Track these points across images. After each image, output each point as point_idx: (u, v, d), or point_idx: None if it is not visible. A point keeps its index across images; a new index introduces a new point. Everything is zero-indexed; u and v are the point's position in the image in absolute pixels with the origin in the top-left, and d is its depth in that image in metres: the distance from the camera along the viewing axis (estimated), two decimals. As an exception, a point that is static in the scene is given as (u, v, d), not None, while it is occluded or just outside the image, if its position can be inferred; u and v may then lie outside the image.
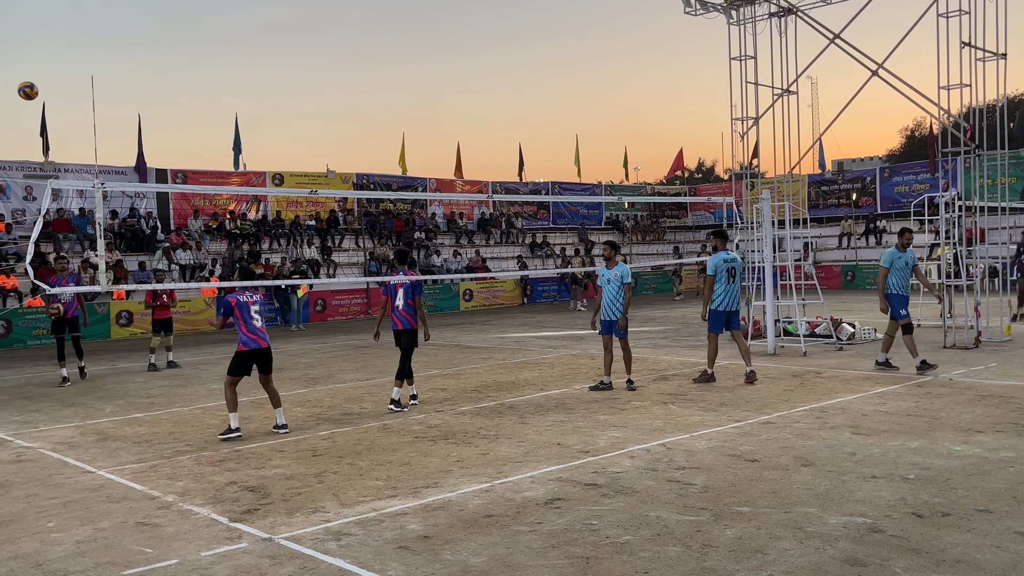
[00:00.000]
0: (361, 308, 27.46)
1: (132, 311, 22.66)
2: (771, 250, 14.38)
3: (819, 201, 38.27)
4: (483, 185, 36.35)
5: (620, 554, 5.13)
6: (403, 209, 33.53)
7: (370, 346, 18.24)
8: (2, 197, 25.36)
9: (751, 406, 9.66)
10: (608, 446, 7.95)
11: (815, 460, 7.15)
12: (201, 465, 7.83)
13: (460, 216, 34.90)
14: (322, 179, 31.66)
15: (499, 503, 6.25)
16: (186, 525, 6.03)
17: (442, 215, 34.81)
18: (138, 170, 27.69)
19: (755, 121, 17.53)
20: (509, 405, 10.37)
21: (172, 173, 28.53)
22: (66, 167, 26.32)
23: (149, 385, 13.40)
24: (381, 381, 12.85)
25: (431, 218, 34.20)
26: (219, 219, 28.54)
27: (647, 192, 44.66)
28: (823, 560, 4.90)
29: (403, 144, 34.82)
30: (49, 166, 26.04)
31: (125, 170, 27.58)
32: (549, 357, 15.13)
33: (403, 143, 34.75)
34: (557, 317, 24.80)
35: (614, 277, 11.18)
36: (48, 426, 10.14)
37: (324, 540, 5.57)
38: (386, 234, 31.48)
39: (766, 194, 14.66)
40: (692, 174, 73.53)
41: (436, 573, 4.94)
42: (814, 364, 12.88)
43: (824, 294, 16.32)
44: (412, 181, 34.30)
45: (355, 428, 9.31)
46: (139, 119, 32.27)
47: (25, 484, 7.39)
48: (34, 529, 6.08)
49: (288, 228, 29.60)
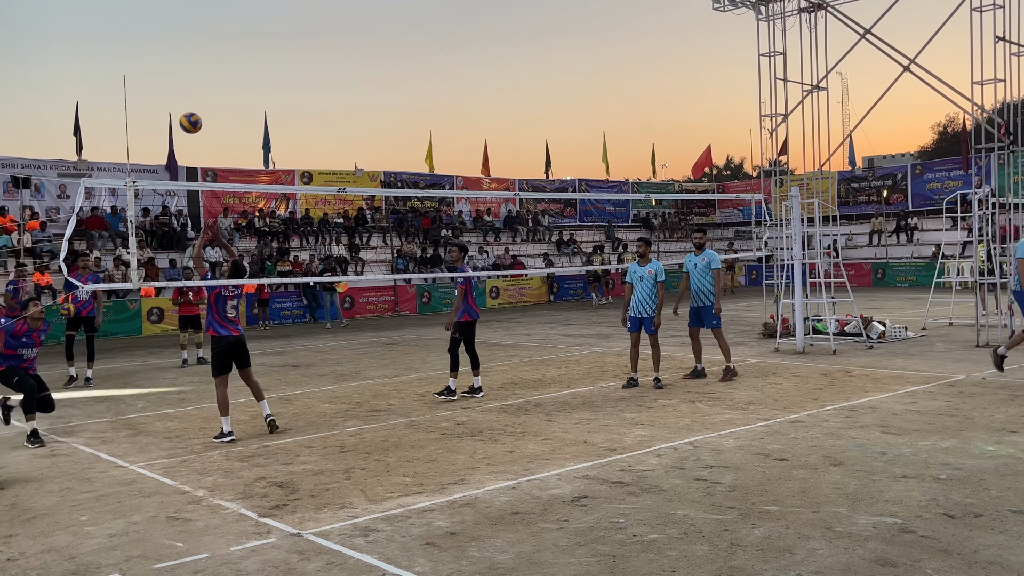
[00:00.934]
0: (389, 305, 27.59)
1: (163, 308, 22.94)
2: (800, 248, 14.25)
3: (849, 198, 37.87)
4: (510, 183, 36.36)
5: (647, 553, 5.12)
6: (430, 207, 33.63)
7: (398, 343, 18.33)
8: (37, 195, 25.76)
9: (779, 405, 9.59)
10: (635, 444, 7.93)
11: (844, 459, 7.09)
12: (230, 460, 7.91)
13: (487, 213, 34.94)
14: (350, 177, 31.84)
15: (526, 500, 6.26)
16: (216, 520, 6.09)
17: (469, 213, 34.87)
18: (169, 168, 28.02)
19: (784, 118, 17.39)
20: (535, 403, 10.37)
21: (202, 171, 28.83)
22: (99, 166, 26.68)
23: (179, 381, 13.55)
24: (408, 378, 12.90)
25: (458, 216, 34.27)
26: (248, 217, 28.80)
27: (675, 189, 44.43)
28: (852, 560, 4.86)
29: (430, 142, 34.86)
30: (82, 165, 26.41)
31: (156, 169, 27.91)
32: (575, 355, 15.12)
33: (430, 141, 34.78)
34: (584, 314, 24.76)
35: (648, 275, 11.18)
36: (81, 421, 10.30)
37: (352, 536, 5.60)
38: (413, 232, 31.60)
39: (795, 191, 14.54)
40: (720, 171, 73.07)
41: (463, 570, 4.95)
42: (843, 363, 12.76)
43: (854, 292, 16.16)
44: (439, 179, 34.39)
45: (382, 424, 9.36)
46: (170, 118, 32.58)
47: (59, 478, 7.51)
48: (67, 522, 6.18)
49: (316, 226, 29.81)
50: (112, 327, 22.07)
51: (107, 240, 25.20)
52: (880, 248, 34.57)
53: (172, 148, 28.26)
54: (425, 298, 28.26)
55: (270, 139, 31.04)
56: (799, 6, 17.24)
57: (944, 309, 18.38)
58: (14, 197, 24.58)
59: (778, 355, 13.87)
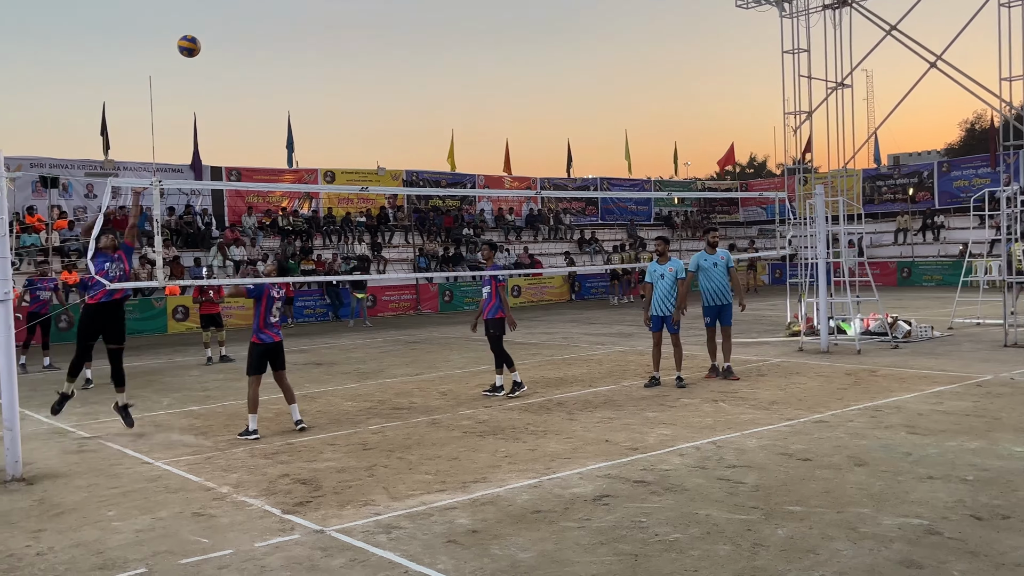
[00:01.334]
0: (411, 304, 27.68)
1: (188, 306, 23.15)
2: (824, 246, 14.14)
3: (874, 196, 37.52)
4: (531, 181, 36.34)
5: (669, 552, 5.10)
6: (452, 206, 33.70)
7: (420, 342, 18.39)
8: (65, 195, 26.08)
9: (803, 405, 9.53)
10: (657, 443, 7.90)
11: (869, 460, 7.03)
12: (255, 457, 7.97)
13: (509, 212, 34.96)
14: (372, 176, 31.97)
15: (547, 499, 6.26)
16: (240, 516, 6.15)
17: (490, 211, 34.91)
18: (194, 168, 28.26)
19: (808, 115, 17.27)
20: (557, 401, 10.37)
21: (227, 171, 29.06)
22: (125, 165, 26.96)
23: (204, 378, 13.67)
24: (430, 376, 12.94)
25: (479, 214, 34.31)
26: (272, 216, 29.00)
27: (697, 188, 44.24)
28: (877, 562, 4.82)
29: (452, 141, 35.06)
30: (109, 164, 26.70)
31: (181, 168, 28.16)
32: (597, 353, 15.09)
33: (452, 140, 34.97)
34: (605, 313, 24.71)
35: (668, 272, 11.15)
36: (108, 418, 10.41)
37: (374, 533, 5.63)
38: (435, 230, 31.68)
39: (819, 189, 14.43)
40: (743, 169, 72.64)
41: (485, 567, 4.97)
42: (868, 362, 12.65)
43: (879, 291, 16.01)
44: (461, 178, 34.45)
45: (404, 423, 9.40)
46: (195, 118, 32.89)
47: (87, 474, 7.60)
48: (95, 518, 6.26)
49: (339, 225, 29.96)
50: (138, 325, 22.30)
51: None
52: (906, 247, 34.23)
53: (197, 148, 28.51)
54: (447, 297, 28.32)
55: (294, 139, 31.23)
56: (823, 2, 17.11)
57: (971, 308, 18.16)
58: (43, 196, 24.90)
59: (802, 354, 13.78)
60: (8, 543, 5.75)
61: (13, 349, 7.55)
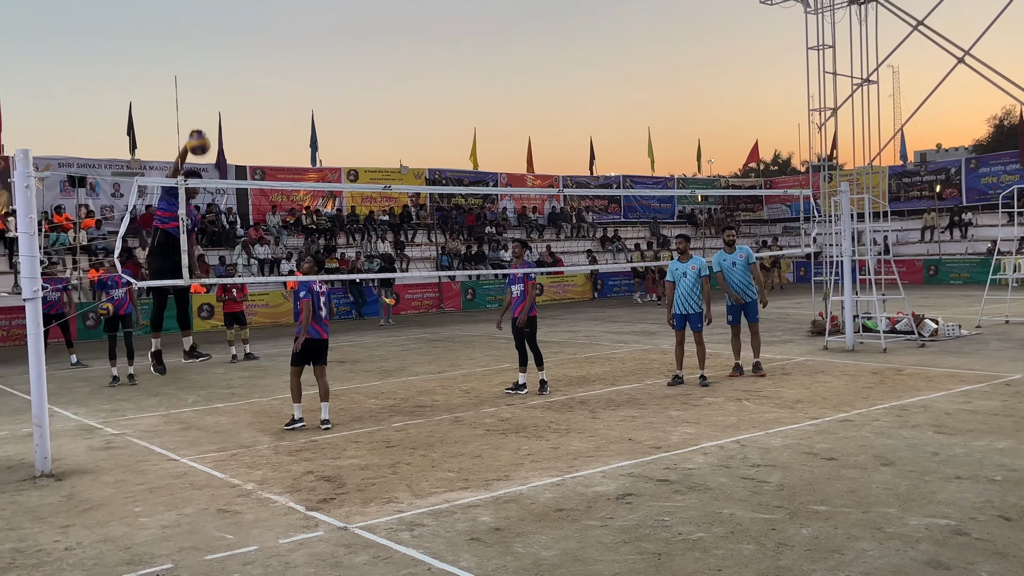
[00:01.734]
0: (433, 302, 27.75)
1: (213, 304, 23.33)
2: (850, 244, 14.02)
3: (900, 193, 37.15)
4: (554, 179, 36.32)
5: (693, 551, 5.08)
6: (474, 204, 33.74)
7: (442, 340, 18.43)
8: (92, 194, 26.39)
9: (828, 403, 9.45)
10: (680, 442, 7.88)
11: (895, 459, 6.96)
12: (279, 454, 8.03)
13: (532, 211, 34.94)
14: (395, 175, 32.07)
15: (570, 497, 6.26)
16: (265, 513, 6.19)
17: (513, 210, 34.91)
18: (218, 167, 28.48)
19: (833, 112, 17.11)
20: (580, 400, 10.36)
21: (251, 170, 29.26)
22: (151, 164, 27.23)
23: (229, 376, 13.79)
24: (453, 374, 12.97)
25: (502, 213, 34.32)
26: (296, 215, 29.17)
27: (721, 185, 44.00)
28: (904, 562, 4.78)
29: (474, 139, 34.93)
30: (135, 164, 26.98)
31: (206, 167, 28.38)
32: (620, 352, 15.06)
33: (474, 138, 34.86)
34: (628, 312, 24.64)
35: (691, 270, 11.10)
36: (135, 415, 10.53)
37: (398, 530, 5.66)
38: (457, 229, 31.74)
39: (845, 186, 14.30)
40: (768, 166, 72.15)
41: (507, 565, 4.97)
42: (895, 361, 12.53)
43: (905, 289, 15.85)
44: (483, 176, 34.47)
45: (427, 420, 9.43)
46: (219, 117, 33.20)
47: (114, 470, 7.69)
48: (122, 513, 6.33)
49: (363, 223, 30.09)
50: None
51: (159, 238, 25.68)
52: (932, 244, 33.86)
53: (222, 147, 28.73)
54: (469, 295, 28.36)
55: (317, 137, 31.40)
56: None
57: (1000, 307, 17.93)
58: (70, 196, 25.20)
59: (827, 353, 13.67)
60: (37, 538, 5.83)
61: (42, 346, 7.65)
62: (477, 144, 34.81)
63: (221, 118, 29.34)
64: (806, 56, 17.18)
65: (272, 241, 27.32)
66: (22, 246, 7.65)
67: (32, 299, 7.58)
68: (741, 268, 11.67)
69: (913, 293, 22.08)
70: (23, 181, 7.44)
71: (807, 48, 17.21)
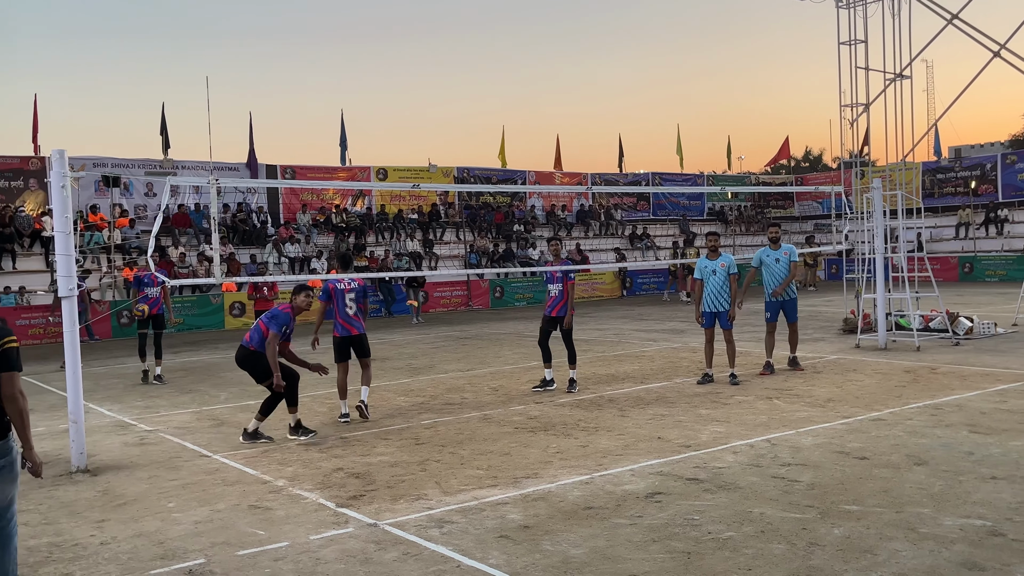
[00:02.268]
0: (462, 300, 27.81)
1: (244, 302, 23.57)
2: (882, 241, 13.86)
3: (934, 190, 36.62)
4: (582, 177, 36.24)
5: (722, 550, 5.05)
6: (503, 202, 33.76)
7: (471, 337, 18.47)
8: (126, 194, 26.76)
9: (860, 402, 9.35)
10: (710, 441, 7.83)
11: (929, 459, 6.87)
12: (309, 451, 8.09)
13: (560, 208, 34.89)
14: (424, 173, 32.18)
15: (599, 495, 6.25)
16: (296, 509, 6.25)
17: (541, 207, 34.88)
18: (249, 166, 28.75)
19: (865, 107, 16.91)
20: (608, 398, 10.33)
21: (282, 169, 29.49)
22: (184, 164, 27.55)
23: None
24: (482, 372, 12.99)
25: (530, 210, 34.31)
26: (326, 213, 29.37)
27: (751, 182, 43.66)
28: (938, 563, 4.72)
29: (503, 137, 35.02)
30: (168, 163, 27.30)
31: (237, 166, 28.66)
32: (649, 350, 15.00)
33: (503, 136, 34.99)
34: (657, 309, 24.53)
35: (720, 268, 11.04)
36: (168, 411, 10.67)
37: (427, 527, 5.68)
38: (486, 227, 31.77)
39: (877, 183, 14.12)
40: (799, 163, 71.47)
41: (536, 563, 4.97)
42: (928, 359, 12.36)
43: (939, 287, 15.64)
44: (512, 174, 34.48)
45: (456, 418, 9.45)
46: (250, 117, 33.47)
47: (148, 466, 7.80)
48: (156, 509, 6.42)
49: (392, 221, 30.22)
50: (196, 321, 22.78)
51: (191, 236, 26.01)
52: (967, 241, 33.34)
53: (252, 146, 29.00)
54: (498, 293, 28.39)
55: (347, 136, 31.58)
56: (881, -8, 16.71)
57: (1036, 304, 17.61)
58: (105, 195, 25.57)
59: (859, 351, 13.52)
60: (73, 532, 5.92)
61: (78, 344, 7.77)
62: (505, 142, 34.89)
63: (252, 118, 29.61)
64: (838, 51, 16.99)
65: (302, 240, 27.53)
66: (58, 245, 7.78)
67: (68, 297, 7.70)
68: (784, 265, 11.70)
69: (947, 291, 21.77)
70: (59, 181, 7.56)
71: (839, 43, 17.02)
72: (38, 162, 25.46)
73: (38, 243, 23.62)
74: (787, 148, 41.63)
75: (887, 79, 16.69)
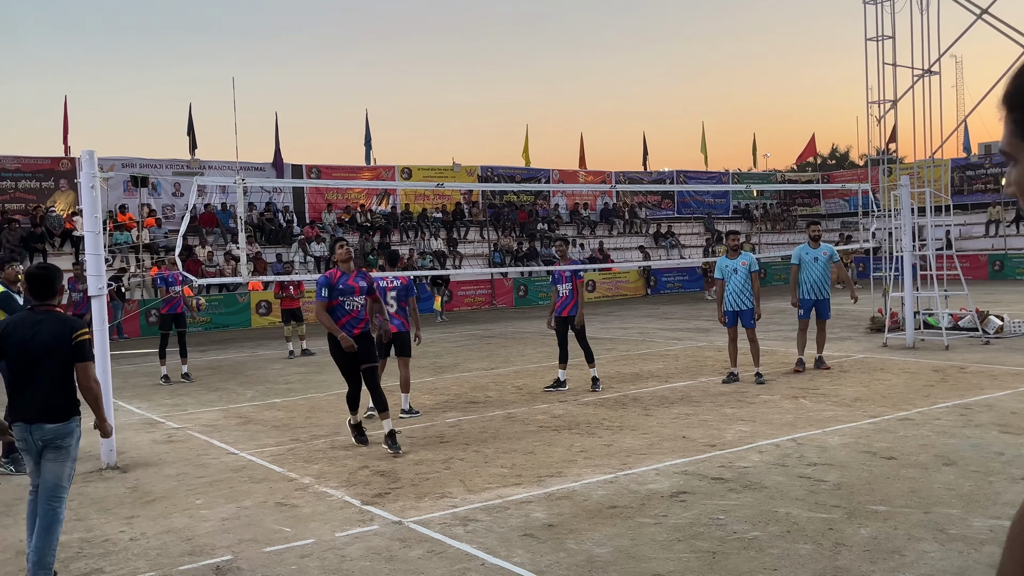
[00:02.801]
0: (486, 299, 27.84)
1: (270, 301, 23.74)
2: (910, 239, 13.71)
3: (964, 187, 36.17)
4: (606, 175, 36.15)
5: (748, 550, 5.03)
6: (526, 201, 33.75)
7: (495, 336, 18.49)
8: (154, 193, 27.04)
9: (888, 402, 9.26)
10: (735, 440, 7.79)
11: (958, 459, 6.80)
12: (335, 449, 8.14)
13: (584, 207, 34.83)
14: (448, 172, 32.24)
15: (623, 494, 6.24)
16: (321, 506, 6.29)
17: (565, 206, 34.84)
18: (275, 166, 28.96)
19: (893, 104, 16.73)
20: (633, 396, 10.31)
21: (307, 168, 29.67)
22: (210, 164, 27.79)
23: (287, 372, 14.02)
24: (506, 371, 13.01)
25: (554, 209, 34.28)
26: (351, 212, 29.52)
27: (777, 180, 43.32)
28: (967, 565, 4.67)
29: (526, 136, 34.90)
30: (195, 164, 27.56)
31: (263, 166, 28.87)
32: (674, 349, 14.94)
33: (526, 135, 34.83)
34: (682, 308, 24.42)
35: (741, 266, 10.97)
36: (196, 409, 10.78)
37: (451, 525, 5.70)
38: (510, 226, 31.78)
39: (905, 180, 13.97)
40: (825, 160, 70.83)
41: (560, 562, 4.98)
42: (957, 358, 12.22)
43: (968, 285, 15.44)
44: (535, 173, 34.45)
45: (480, 416, 9.47)
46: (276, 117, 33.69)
47: (176, 463, 7.89)
48: (184, 505, 6.49)
49: (416, 220, 30.32)
50: (223, 319, 22.99)
51: (218, 236, 26.24)
52: (998, 239, 32.89)
53: (278, 146, 29.20)
54: (521, 292, 28.40)
55: (371, 136, 31.71)
56: (910, -13, 16.52)
57: (1069, 303, 17.36)
58: (133, 195, 25.86)
59: (886, 350, 13.39)
60: (104, 528, 6.01)
61: (107, 342, 7.87)
62: (529, 141, 34.81)
63: (278, 118, 29.81)
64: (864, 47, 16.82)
65: (328, 239, 27.69)
66: (88, 244, 7.89)
67: (98, 295, 7.80)
68: (823, 265, 11.67)
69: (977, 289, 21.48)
70: (88, 181, 7.67)
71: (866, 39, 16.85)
72: (68, 163, 25.79)
73: (68, 243, 23.94)
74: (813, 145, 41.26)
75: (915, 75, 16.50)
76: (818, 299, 11.71)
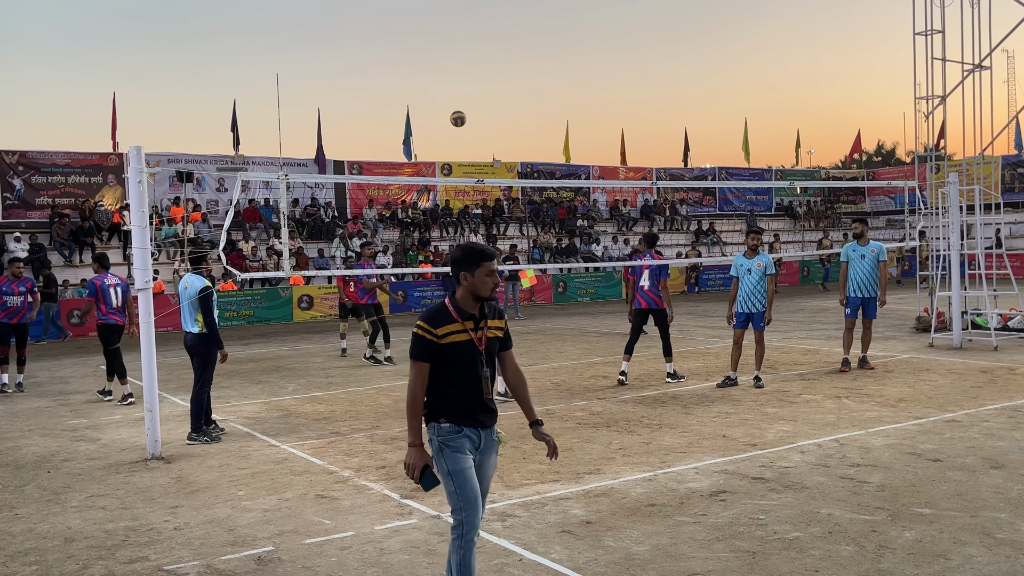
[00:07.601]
0: (524, 295, 27.82)
1: (312, 295, 24.00)
2: (958, 237, 13.43)
3: (1015, 184, 35.35)
4: (647, 172, 35.93)
5: (788, 551, 4.98)
6: (566, 197, 33.69)
7: (534, 332, 18.49)
8: (198, 189, 27.46)
9: (933, 403, 9.09)
10: (777, 440, 7.71)
11: (1006, 462, 6.65)
12: (375, 443, 8.21)
13: (623, 204, 34.67)
14: (488, 168, 32.28)
15: (662, 493, 6.21)
16: (361, 499, 6.35)
17: (605, 202, 34.71)
18: (318, 162, 29.25)
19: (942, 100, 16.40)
20: (672, 394, 10.24)
21: (349, 164, 29.93)
22: (254, 160, 28.15)
23: (327, 366, 14.15)
24: (544, 367, 13.00)
25: (594, 205, 34.17)
26: (392, 208, 29.71)
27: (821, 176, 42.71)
28: (1015, 569, 4.57)
29: (567, 132, 34.85)
30: (239, 159, 27.93)
31: (306, 162, 29.18)
32: (714, 347, 14.82)
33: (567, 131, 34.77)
34: (723, 307, 24.18)
35: (756, 267, 10.66)
36: (238, 402, 10.93)
37: (490, 520, 5.71)
38: (549, 222, 31.75)
39: (953, 177, 13.70)
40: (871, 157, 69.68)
41: (599, 559, 4.97)
42: (1006, 360, 11.95)
43: (1019, 284, 15.10)
44: (575, 169, 34.38)
45: (518, 412, 9.44)
46: (318, 113, 34.04)
47: (218, 455, 8.01)
48: (226, 496, 6.58)
49: (456, 216, 30.42)
50: (265, 313, 23.29)
51: (261, 231, 26.57)
52: (1050, 238, 32.12)
53: (320, 142, 29.50)
54: (561, 288, 28.35)
55: (412, 132, 31.87)
56: (960, -20, 16.16)
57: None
58: (178, 191, 26.30)
59: (932, 350, 13.15)
60: (149, 517, 6.12)
61: (153, 335, 8.00)
62: (570, 137, 34.76)
63: (320, 114, 30.09)
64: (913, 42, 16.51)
65: (369, 234, 27.90)
66: (135, 238, 8.02)
67: (144, 289, 7.94)
68: (870, 262, 11.51)
69: (1027, 289, 20.98)
70: (136, 176, 7.81)
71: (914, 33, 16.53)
72: (116, 158, 26.31)
73: (116, 236, 24.41)
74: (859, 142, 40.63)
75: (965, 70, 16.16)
76: (865, 297, 11.53)
